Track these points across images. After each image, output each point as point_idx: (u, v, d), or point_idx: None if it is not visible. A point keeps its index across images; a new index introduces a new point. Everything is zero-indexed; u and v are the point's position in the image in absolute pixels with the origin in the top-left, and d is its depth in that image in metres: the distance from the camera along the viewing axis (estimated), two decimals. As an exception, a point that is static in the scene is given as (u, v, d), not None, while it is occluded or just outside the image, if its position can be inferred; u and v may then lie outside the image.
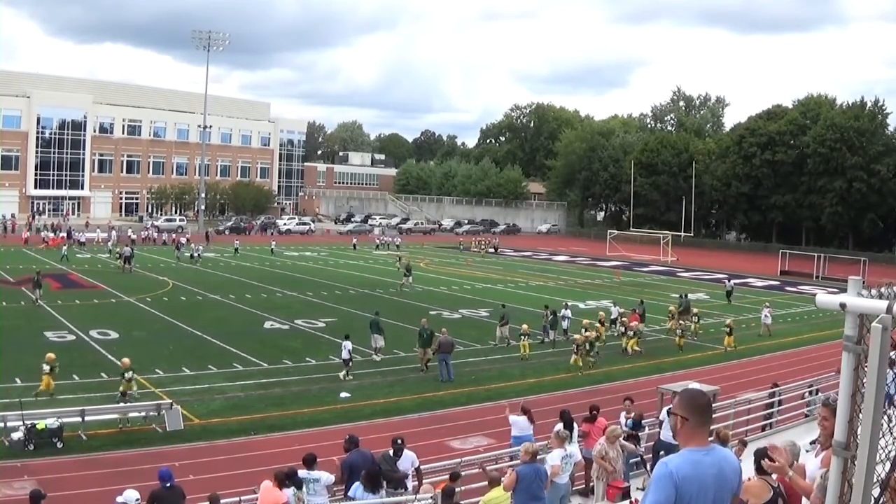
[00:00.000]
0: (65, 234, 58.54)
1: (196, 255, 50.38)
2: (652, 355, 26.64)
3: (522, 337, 25.57)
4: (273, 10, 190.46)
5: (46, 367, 18.69)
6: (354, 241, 68.22)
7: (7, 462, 14.43)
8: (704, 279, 50.33)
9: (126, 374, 19.31)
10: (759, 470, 6.66)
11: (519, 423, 15.36)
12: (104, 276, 40.46)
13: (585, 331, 25.46)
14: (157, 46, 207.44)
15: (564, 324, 28.30)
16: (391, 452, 11.15)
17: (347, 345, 22.17)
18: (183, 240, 57.21)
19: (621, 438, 12.01)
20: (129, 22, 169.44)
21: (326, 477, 10.60)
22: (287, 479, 9.77)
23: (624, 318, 28.77)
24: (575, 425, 12.64)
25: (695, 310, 32.03)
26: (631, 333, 26.92)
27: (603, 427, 13.59)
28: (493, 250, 67.73)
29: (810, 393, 17.29)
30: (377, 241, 70.47)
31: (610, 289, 44.72)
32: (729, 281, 42.73)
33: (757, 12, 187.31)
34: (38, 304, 30.59)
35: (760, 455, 6.98)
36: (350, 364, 22.15)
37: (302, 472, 10.33)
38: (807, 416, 16.34)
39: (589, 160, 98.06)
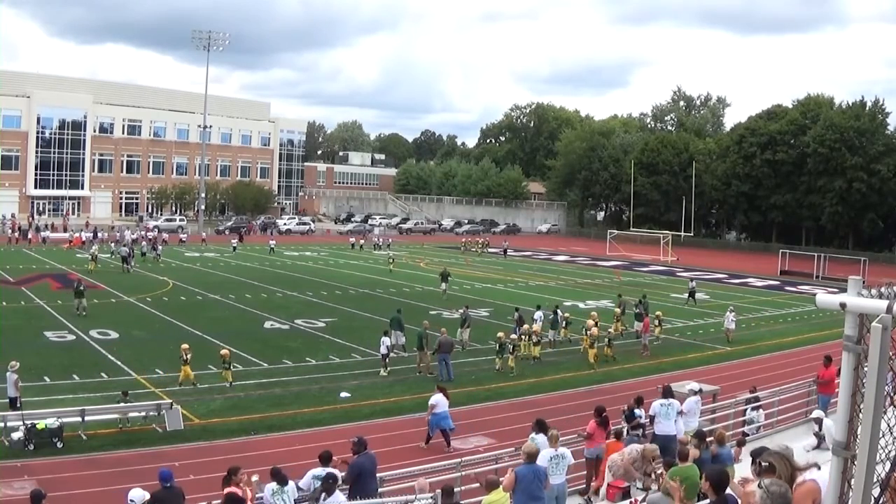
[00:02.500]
0: (91, 234, 58.21)
1: (151, 254, 50.07)
2: (653, 356, 26.68)
3: (524, 337, 25.54)
4: (274, 11, 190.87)
5: (182, 359, 19.90)
6: (353, 240, 68.09)
7: (7, 462, 14.44)
8: (704, 279, 50.21)
9: (225, 364, 20.25)
10: (757, 471, 6.64)
11: (442, 403, 16.25)
12: (104, 276, 40.44)
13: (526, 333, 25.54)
14: (157, 47, 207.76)
15: (536, 325, 26.80)
16: (321, 490, 9.87)
17: (385, 340, 22.57)
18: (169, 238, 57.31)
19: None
20: (130, 22, 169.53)
21: (340, 476, 10.62)
22: (229, 476, 9.74)
23: (568, 321, 27.78)
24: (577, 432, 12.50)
25: (658, 312, 30.25)
26: (606, 339, 26.26)
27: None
28: (503, 253, 66.64)
29: (753, 409, 16.42)
30: (372, 240, 69.99)
31: (610, 289, 44.65)
32: (692, 281, 41.46)
33: (757, 13, 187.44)
34: (82, 313, 29.23)
35: (757, 455, 6.97)
36: (388, 359, 22.49)
37: (317, 470, 10.42)
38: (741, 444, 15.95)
39: (589, 160, 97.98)
